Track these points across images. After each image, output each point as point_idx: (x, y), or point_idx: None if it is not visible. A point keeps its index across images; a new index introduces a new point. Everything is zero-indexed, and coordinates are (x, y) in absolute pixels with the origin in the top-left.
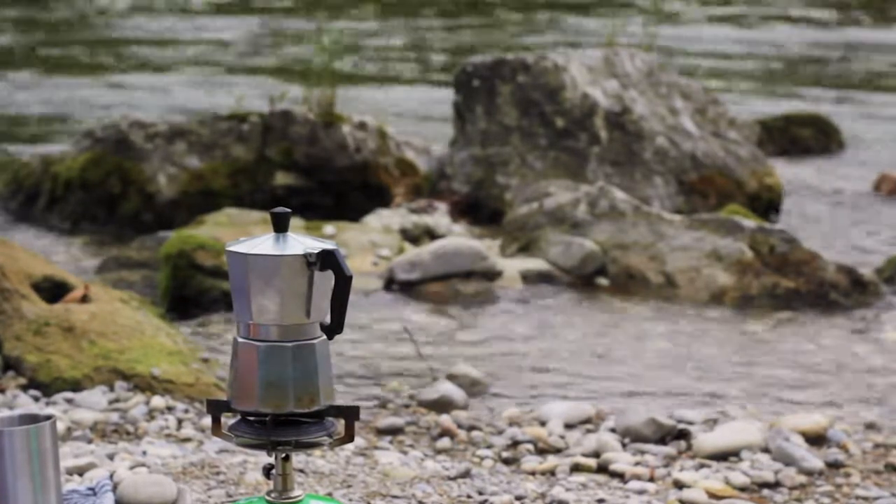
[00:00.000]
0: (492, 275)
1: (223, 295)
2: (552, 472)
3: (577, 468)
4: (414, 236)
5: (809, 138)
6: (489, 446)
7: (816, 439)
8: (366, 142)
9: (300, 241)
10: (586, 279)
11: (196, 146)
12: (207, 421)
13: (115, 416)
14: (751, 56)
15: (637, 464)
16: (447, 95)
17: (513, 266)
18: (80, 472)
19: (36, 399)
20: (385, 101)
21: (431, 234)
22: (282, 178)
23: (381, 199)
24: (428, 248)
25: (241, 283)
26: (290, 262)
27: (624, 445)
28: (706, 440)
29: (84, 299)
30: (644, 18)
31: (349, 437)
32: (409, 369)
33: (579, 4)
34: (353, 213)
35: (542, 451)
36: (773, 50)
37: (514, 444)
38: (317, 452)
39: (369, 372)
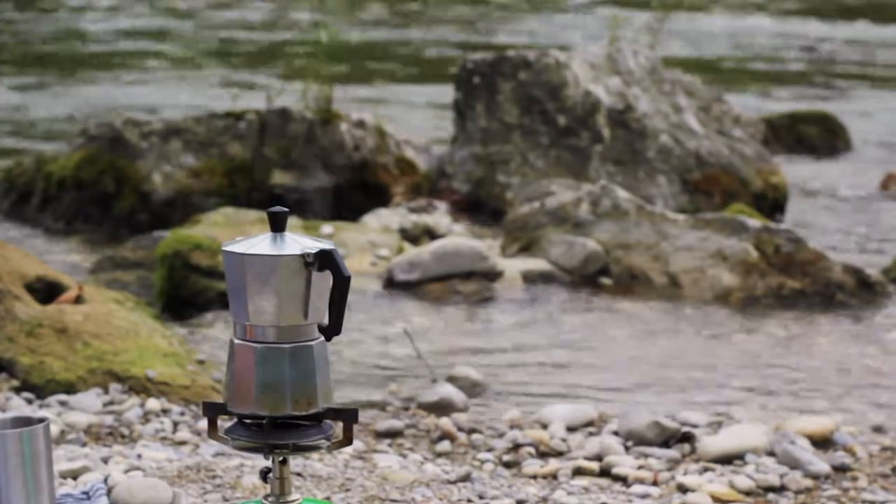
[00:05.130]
0: (492, 275)
1: (219, 296)
2: (554, 476)
3: (579, 472)
4: (413, 236)
5: (816, 137)
6: (490, 449)
7: (822, 442)
8: (364, 140)
9: (298, 241)
10: (588, 280)
11: (192, 144)
12: (203, 424)
13: (109, 419)
14: (756, 53)
15: (640, 467)
16: (448, 93)
17: (514, 266)
18: (74, 475)
19: (29, 401)
20: (384, 98)
21: (431, 234)
22: (279, 177)
23: (380, 198)
24: (427, 248)
25: (238, 283)
26: (288, 263)
27: (627, 449)
28: (710, 443)
29: (78, 300)
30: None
31: (347, 440)
32: (409, 371)
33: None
34: (351, 212)
35: (543, 455)
36: (779, 47)
37: (516, 447)
38: (315, 456)
39: (368, 374)
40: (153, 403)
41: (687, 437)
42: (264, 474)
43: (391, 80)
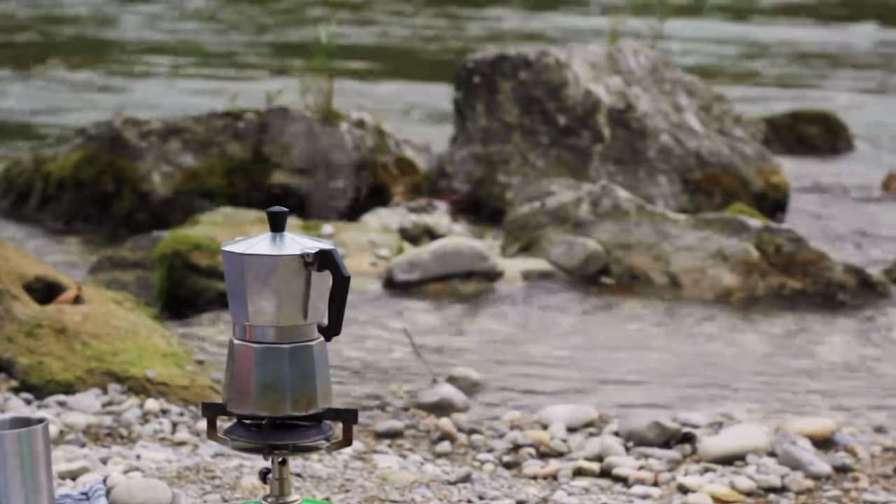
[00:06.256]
0: (492, 275)
1: (219, 296)
2: (554, 477)
3: (579, 472)
4: (413, 236)
5: (817, 136)
6: (490, 450)
7: (823, 443)
8: (364, 140)
9: (297, 241)
10: (589, 280)
11: (191, 144)
12: (203, 424)
13: (108, 420)
14: (757, 52)
15: (641, 468)
16: (447, 92)
17: (514, 266)
18: (73, 476)
19: (28, 402)
20: (384, 97)
21: (431, 234)
22: (278, 177)
23: (380, 197)
24: (427, 248)
25: (238, 283)
26: (288, 263)
27: (627, 449)
28: (711, 444)
29: (77, 300)
30: (648, 14)
31: (347, 440)
32: (409, 371)
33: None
34: (351, 212)
35: (543, 455)
36: (779, 46)
37: (516, 447)
38: (314, 456)
39: (368, 374)
40: (152, 404)
41: (687, 438)
42: (263, 475)
43: (390, 79)
